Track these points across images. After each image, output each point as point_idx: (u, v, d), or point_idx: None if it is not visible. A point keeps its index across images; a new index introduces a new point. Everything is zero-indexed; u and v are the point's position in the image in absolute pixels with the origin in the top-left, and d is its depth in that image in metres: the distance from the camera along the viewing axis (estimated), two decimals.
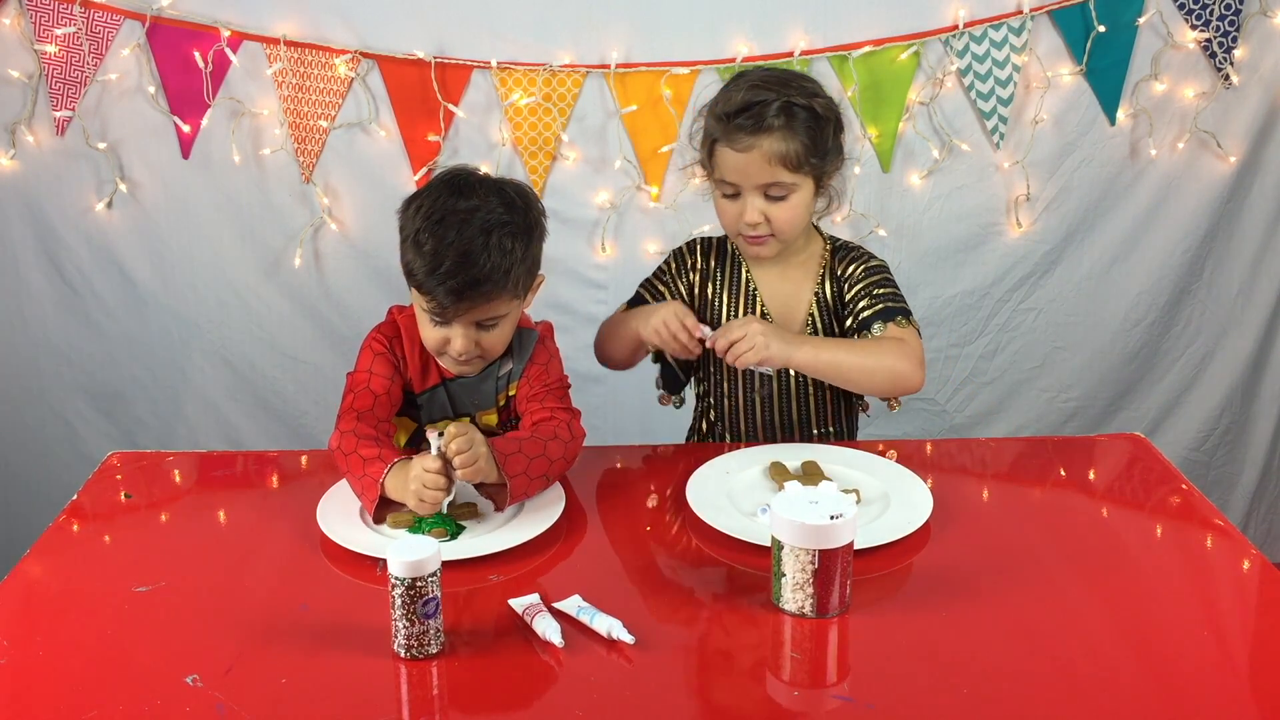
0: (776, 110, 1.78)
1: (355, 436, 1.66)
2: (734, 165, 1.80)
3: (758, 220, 1.82)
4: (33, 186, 2.62)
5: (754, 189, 1.81)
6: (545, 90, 2.57)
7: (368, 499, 1.61)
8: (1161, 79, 2.65)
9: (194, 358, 2.75)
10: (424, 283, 1.63)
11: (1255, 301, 2.83)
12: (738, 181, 1.82)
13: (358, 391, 1.75)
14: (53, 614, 1.44)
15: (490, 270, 1.61)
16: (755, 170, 1.79)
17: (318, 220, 2.65)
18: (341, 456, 1.66)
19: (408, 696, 1.30)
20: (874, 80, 2.58)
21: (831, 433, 2.00)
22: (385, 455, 1.62)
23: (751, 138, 1.78)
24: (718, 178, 1.84)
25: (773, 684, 1.33)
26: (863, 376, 1.82)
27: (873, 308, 1.88)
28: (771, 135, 1.77)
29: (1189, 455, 2.89)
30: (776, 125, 1.77)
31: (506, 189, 1.69)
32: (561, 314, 2.71)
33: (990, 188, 2.69)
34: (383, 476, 1.60)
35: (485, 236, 1.62)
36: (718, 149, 1.82)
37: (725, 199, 1.85)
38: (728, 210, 1.86)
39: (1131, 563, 1.55)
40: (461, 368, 1.75)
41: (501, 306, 1.67)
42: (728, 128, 1.79)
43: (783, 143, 1.78)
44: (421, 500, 1.56)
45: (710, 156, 1.84)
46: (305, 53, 2.54)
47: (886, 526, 1.59)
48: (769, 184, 1.80)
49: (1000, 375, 2.83)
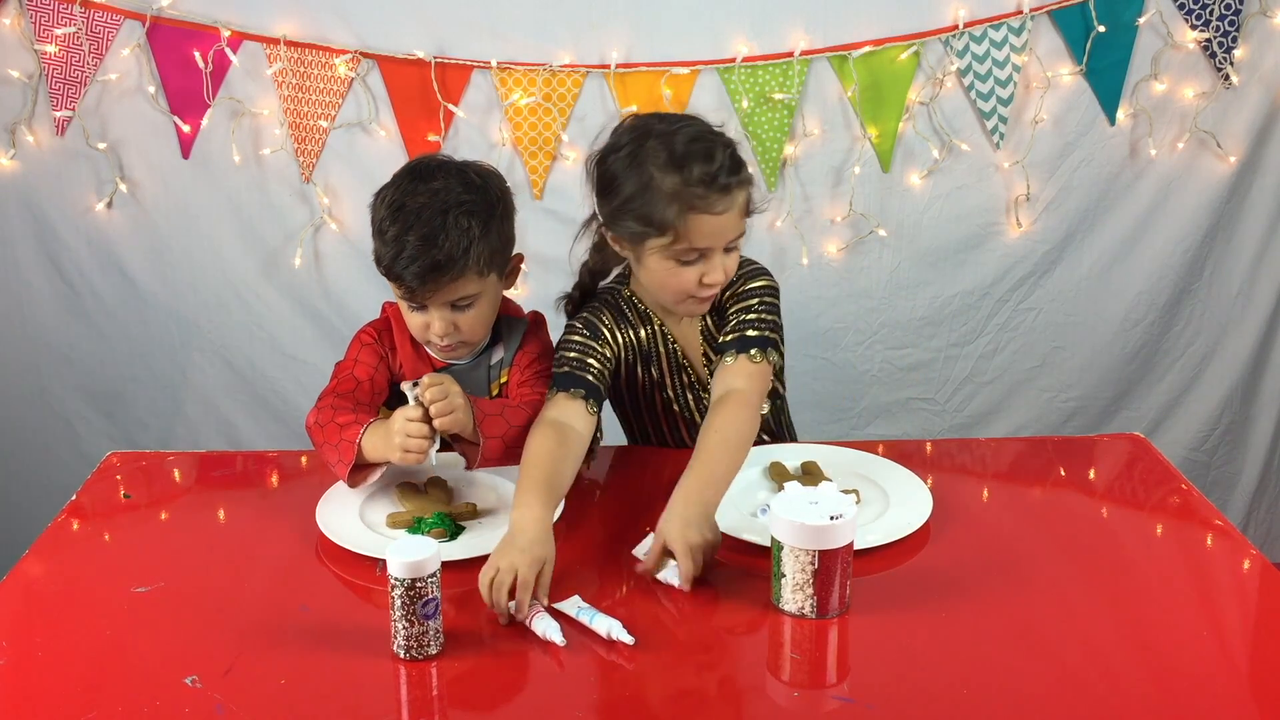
0: (734, 162, 1.66)
1: (331, 409, 1.68)
2: (711, 230, 1.65)
3: (724, 277, 1.71)
4: (33, 186, 2.62)
5: (721, 248, 1.68)
6: (545, 90, 2.57)
7: (343, 463, 1.62)
8: (1161, 79, 2.65)
9: (194, 358, 2.75)
10: (390, 269, 1.66)
11: (1255, 301, 2.83)
12: (710, 245, 1.67)
13: (340, 377, 1.78)
14: (53, 614, 1.45)
15: (450, 250, 1.63)
16: (730, 227, 1.67)
17: (318, 220, 2.65)
18: (318, 429, 1.68)
19: (407, 697, 1.30)
20: (874, 80, 2.58)
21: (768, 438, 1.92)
22: (361, 419, 1.64)
23: (729, 198, 1.65)
24: (682, 246, 1.66)
25: (773, 684, 1.33)
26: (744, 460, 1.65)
27: (729, 335, 1.75)
28: (743, 189, 1.67)
29: (1189, 455, 2.89)
30: (737, 180, 1.66)
31: (468, 171, 1.72)
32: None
33: (990, 188, 2.69)
34: (359, 437, 1.61)
35: (443, 217, 1.64)
36: (691, 218, 1.64)
37: (681, 266, 1.68)
38: (686, 275, 1.69)
39: (1131, 563, 1.55)
40: (448, 354, 1.77)
41: (470, 285, 1.68)
42: (707, 193, 1.63)
43: (743, 191, 1.68)
44: (407, 451, 1.57)
45: (677, 224, 1.64)
46: (305, 53, 2.54)
47: (886, 526, 1.59)
48: (735, 237, 1.70)
49: (1000, 375, 2.83)
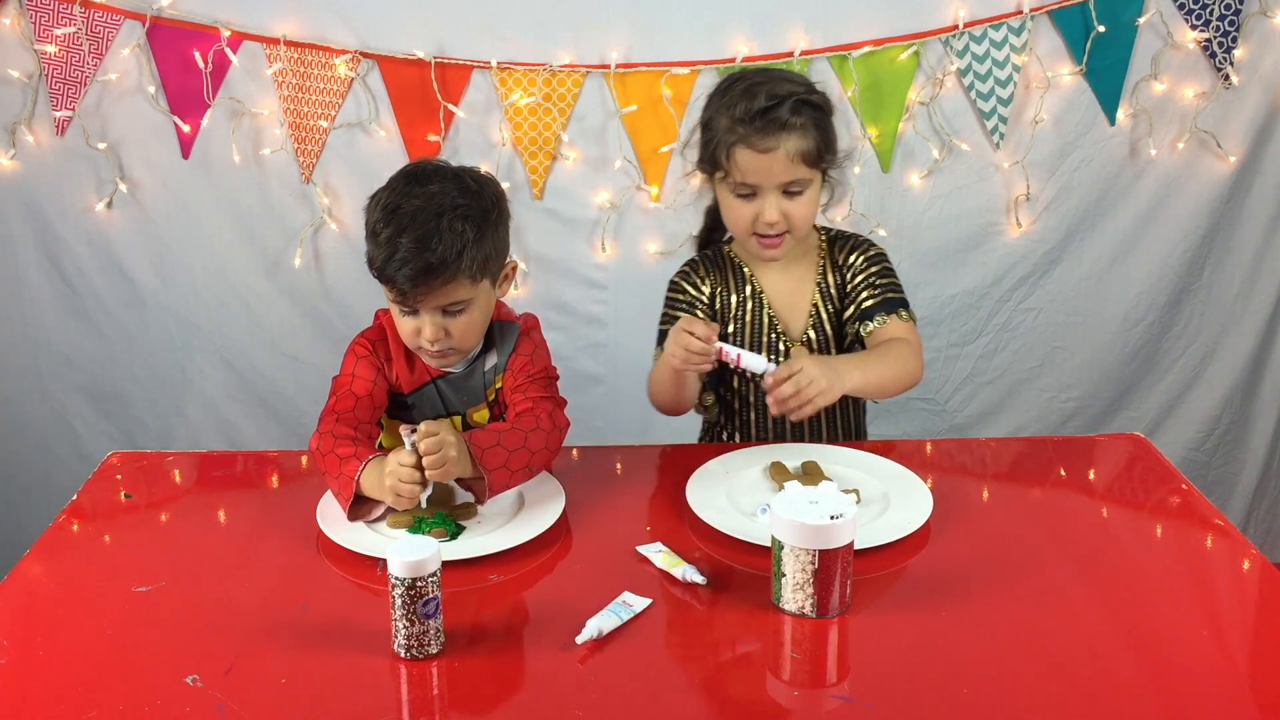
0: (794, 108, 1.81)
1: (333, 437, 1.67)
2: (756, 166, 1.82)
3: (777, 219, 1.84)
4: (33, 186, 2.62)
5: (774, 188, 1.83)
6: (545, 90, 2.57)
7: (343, 497, 1.62)
8: (1161, 79, 2.65)
9: (194, 358, 2.75)
10: (383, 270, 1.66)
11: (1255, 301, 2.83)
12: (759, 183, 1.83)
13: (339, 394, 1.76)
14: (53, 614, 1.44)
15: (444, 253, 1.63)
16: (778, 169, 1.81)
17: (318, 220, 2.65)
18: (320, 457, 1.67)
19: (408, 696, 1.30)
20: (874, 80, 2.58)
21: (840, 431, 2.01)
22: (360, 454, 1.63)
23: (774, 138, 1.80)
24: (735, 180, 1.84)
25: (773, 684, 1.33)
26: (894, 386, 1.85)
27: (875, 298, 1.91)
28: (792, 134, 1.80)
29: (1189, 455, 2.89)
30: (796, 124, 1.80)
31: (464, 176, 1.72)
32: (561, 314, 2.71)
33: (990, 188, 2.69)
34: (358, 474, 1.60)
35: (437, 220, 1.64)
36: (736, 151, 1.82)
37: (739, 200, 1.86)
38: (742, 212, 1.86)
39: (1131, 562, 1.55)
40: (439, 360, 1.76)
41: (463, 290, 1.68)
42: (749, 130, 1.80)
43: (802, 140, 1.81)
44: (398, 495, 1.57)
45: (726, 160, 1.84)
46: (305, 53, 2.54)
47: (886, 526, 1.59)
48: (789, 182, 1.83)
49: (1000, 375, 2.83)
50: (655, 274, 2.69)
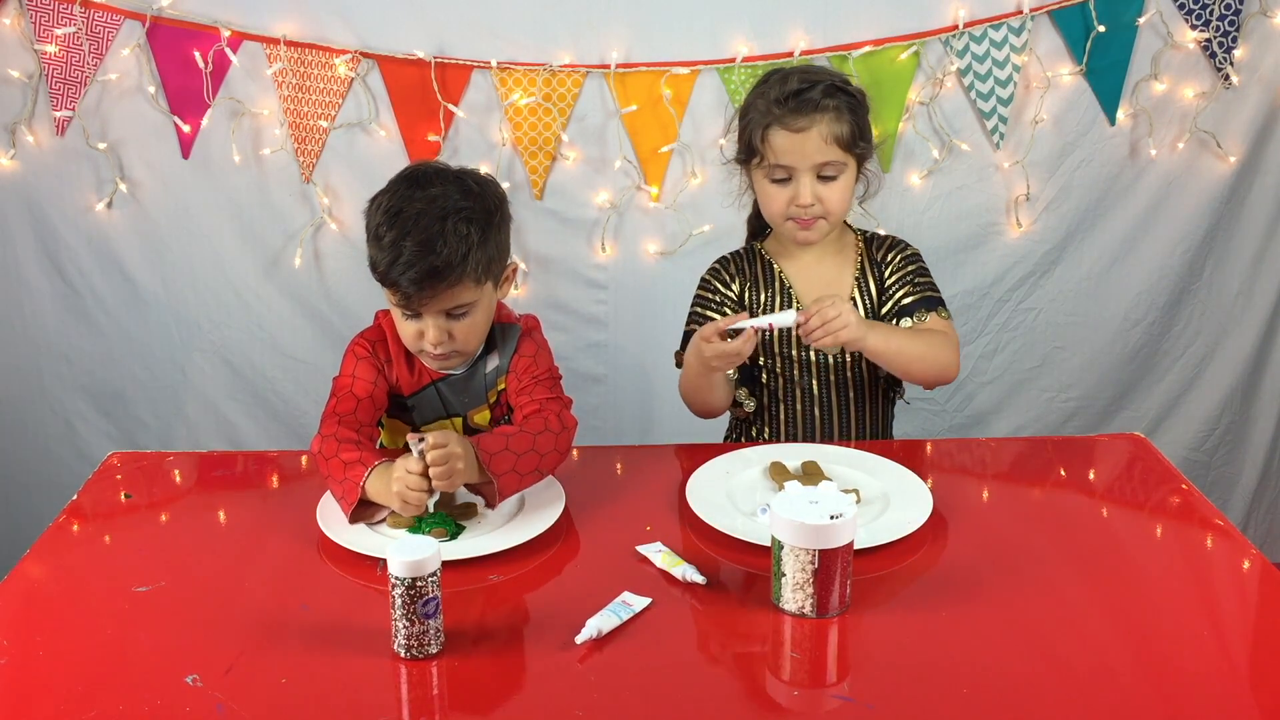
0: (828, 91, 1.87)
1: (336, 441, 1.67)
2: (789, 147, 1.87)
3: (811, 201, 1.89)
4: (33, 186, 2.62)
5: (808, 170, 1.88)
6: (545, 90, 2.57)
7: (346, 503, 1.61)
8: (1161, 79, 2.65)
9: (194, 358, 2.75)
10: (386, 274, 1.66)
11: (1255, 301, 2.83)
12: (792, 164, 1.88)
13: (340, 396, 1.76)
14: (53, 614, 1.45)
15: (449, 256, 1.63)
16: (812, 149, 1.87)
17: (318, 220, 2.65)
18: (323, 461, 1.66)
19: (408, 696, 1.30)
20: (874, 80, 2.58)
21: (869, 430, 2.03)
22: (366, 459, 1.62)
23: (807, 118, 1.86)
24: (769, 163, 1.90)
25: (773, 684, 1.33)
26: (918, 364, 1.89)
27: (913, 296, 1.97)
28: (826, 115, 1.87)
29: (1189, 455, 2.89)
30: (830, 106, 1.87)
31: (466, 178, 1.71)
32: (561, 314, 2.71)
33: (990, 188, 2.69)
34: (364, 479, 1.60)
35: (441, 223, 1.63)
36: (771, 133, 1.88)
37: (774, 184, 1.91)
38: (777, 195, 1.91)
39: (1131, 563, 1.55)
40: (441, 363, 1.76)
41: (466, 293, 1.68)
42: (782, 111, 1.87)
43: (836, 123, 1.87)
44: (405, 502, 1.57)
45: (761, 143, 1.89)
46: (305, 53, 2.54)
47: (886, 526, 1.59)
48: (823, 164, 1.88)
49: (1000, 375, 2.83)
50: (655, 274, 2.70)
